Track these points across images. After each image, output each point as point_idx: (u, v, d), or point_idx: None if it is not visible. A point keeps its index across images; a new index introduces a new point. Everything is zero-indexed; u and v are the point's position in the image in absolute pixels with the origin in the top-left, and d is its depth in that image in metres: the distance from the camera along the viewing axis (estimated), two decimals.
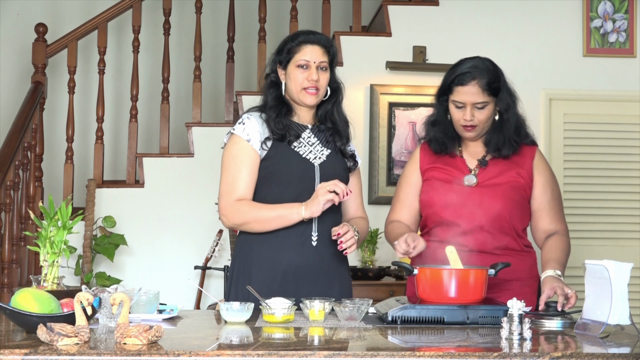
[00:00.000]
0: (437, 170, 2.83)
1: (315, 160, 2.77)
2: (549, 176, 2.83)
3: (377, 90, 5.15)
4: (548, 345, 2.03)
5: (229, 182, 2.73)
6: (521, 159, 2.81)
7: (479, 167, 2.81)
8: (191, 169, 5.10)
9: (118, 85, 6.08)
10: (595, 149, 5.26)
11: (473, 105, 2.72)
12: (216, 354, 1.80)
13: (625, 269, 2.12)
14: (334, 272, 2.77)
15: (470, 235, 2.70)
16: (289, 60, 2.76)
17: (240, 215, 2.71)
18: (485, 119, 2.75)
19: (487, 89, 2.71)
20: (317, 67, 2.75)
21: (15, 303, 2.05)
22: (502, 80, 2.76)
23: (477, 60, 2.76)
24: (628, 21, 5.29)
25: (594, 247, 5.14)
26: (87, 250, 4.79)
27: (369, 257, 4.85)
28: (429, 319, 2.29)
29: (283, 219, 2.67)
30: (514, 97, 2.81)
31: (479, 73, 2.71)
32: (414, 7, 5.34)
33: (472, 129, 2.76)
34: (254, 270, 2.72)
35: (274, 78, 2.82)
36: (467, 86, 2.71)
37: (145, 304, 2.36)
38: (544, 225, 2.80)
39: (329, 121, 2.84)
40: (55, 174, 5.54)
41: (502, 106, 2.76)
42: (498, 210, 2.71)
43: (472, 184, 2.77)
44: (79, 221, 2.62)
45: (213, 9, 6.17)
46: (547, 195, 2.81)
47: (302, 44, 2.76)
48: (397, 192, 2.93)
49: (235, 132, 2.76)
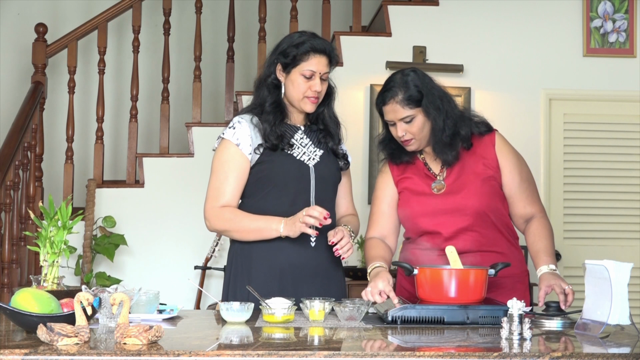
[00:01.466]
0: (408, 180, 2.81)
1: (309, 161, 2.77)
2: (514, 159, 2.78)
3: (377, 90, 5.14)
4: (548, 345, 2.03)
5: (215, 187, 2.74)
6: (483, 149, 2.77)
7: (443, 169, 2.78)
8: (191, 169, 5.10)
9: (118, 85, 6.08)
10: (595, 149, 5.26)
11: (400, 120, 2.71)
12: (216, 354, 1.80)
13: (625, 269, 2.12)
14: (331, 274, 2.78)
15: (456, 239, 2.68)
16: (294, 66, 2.74)
17: (222, 222, 2.72)
18: (418, 131, 2.71)
19: (407, 103, 2.68)
20: (321, 77, 2.75)
21: (15, 303, 2.05)
22: (423, 88, 2.71)
23: (396, 76, 2.74)
24: (628, 21, 5.29)
25: (594, 247, 5.14)
26: (87, 250, 4.80)
27: None
28: (429, 319, 2.29)
29: (261, 232, 2.68)
30: (445, 98, 2.75)
31: (397, 89, 2.69)
32: (414, 7, 5.33)
33: (409, 143, 2.74)
34: (253, 271, 2.72)
35: (274, 81, 2.80)
36: (388, 105, 2.71)
37: (145, 304, 2.37)
38: (519, 210, 2.76)
39: (320, 122, 2.85)
40: (55, 174, 5.54)
41: (431, 113, 2.71)
42: (475, 207, 2.69)
43: (442, 190, 2.76)
44: (79, 221, 2.62)
45: (213, 9, 6.17)
46: (516, 179, 2.76)
47: (310, 52, 2.73)
48: (372, 207, 2.89)
49: (225, 136, 2.75)
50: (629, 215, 5.23)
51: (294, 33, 2.86)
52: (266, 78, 2.82)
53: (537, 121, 5.13)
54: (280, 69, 2.78)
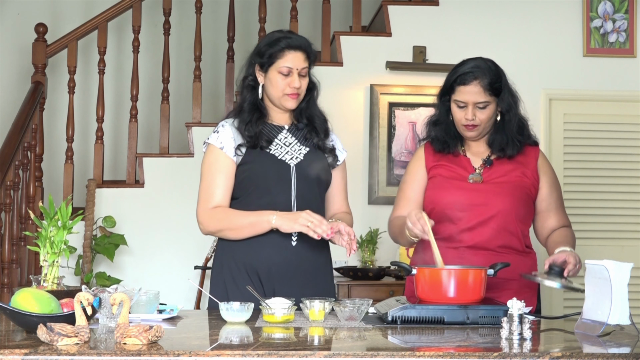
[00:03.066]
0: (443, 167, 2.85)
1: (291, 160, 2.77)
2: (553, 177, 2.88)
3: (377, 90, 5.16)
4: (548, 345, 2.03)
5: (205, 190, 2.77)
6: (525, 159, 2.84)
7: (483, 166, 2.83)
8: (191, 169, 5.09)
9: (118, 85, 6.08)
10: (595, 149, 5.26)
11: (475, 104, 2.74)
12: (216, 354, 1.80)
13: (625, 269, 2.12)
14: (313, 271, 2.76)
15: (474, 232, 2.72)
16: (270, 64, 2.76)
17: (214, 222, 2.73)
18: (486, 119, 2.77)
19: (488, 89, 2.74)
20: (299, 73, 2.75)
21: (15, 303, 2.05)
22: (503, 80, 2.79)
23: (479, 61, 2.78)
24: (628, 21, 5.29)
25: (594, 247, 5.14)
26: (87, 250, 4.80)
27: (369, 257, 4.84)
28: (428, 319, 2.29)
29: (254, 226, 2.68)
30: (516, 97, 2.84)
31: (481, 73, 2.74)
32: (414, 7, 5.34)
33: (473, 129, 2.78)
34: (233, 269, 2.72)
35: (251, 82, 2.82)
36: (469, 86, 2.74)
37: (145, 304, 2.37)
38: (551, 224, 2.84)
39: (304, 118, 2.85)
40: (55, 174, 5.54)
41: (503, 106, 2.79)
42: (503, 207, 2.73)
43: (478, 182, 2.79)
44: (79, 221, 2.62)
45: (213, 9, 6.16)
46: (554, 196, 2.86)
47: (285, 49, 2.74)
48: (402, 188, 2.92)
49: (210, 141, 2.79)
50: (629, 215, 5.23)
51: (271, 32, 2.88)
52: (244, 79, 2.85)
53: (537, 121, 5.13)
54: (258, 69, 2.80)
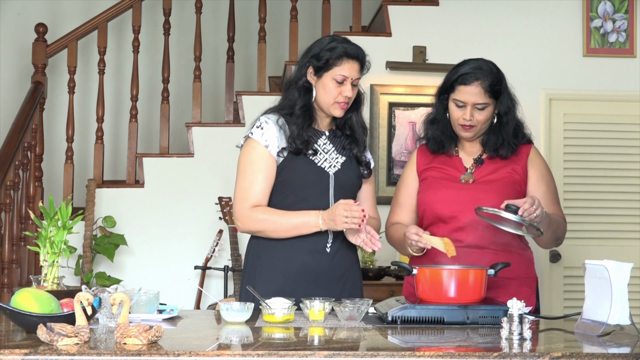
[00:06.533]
0: (434, 169, 2.87)
1: (330, 169, 2.77)
2: (543, 171, 2.86)
3: (377, 90, 5.15)
4: (548, 345, 2.03)
5: (244, 187, 2.72)
6: (517, 157, 2.85)
7: (474, 165, 2.84)
8: (191, 169, 5.10)
9: (118, 85, 6.08)
10: (595, 149, 5.25)
11: (474, 105, 2.75)
12: (216, 354, 1.80)
13: (625, 269, 2.12)
14: (346, 277, 2.78)
15: (467, 230, 2.73)
16: (327, 70, 2.73)
17: (255, 223, 2.71)
18: (484, 120, 2.78)
19: (489, 90, 2.75)
20: (352, 83, 2.74)
21: (15, 303, 2.05)
22: (504, 84, 2.81)
23: (481, 62, 2.79)
24: (628, 21, 5.29)
25: (594, 247, 5.14)
26: (87, 250, 4.80)
27: (369, 257, 4.85)
28: (428, 319, 2.30)
29: (299, 229, 2.68)
30: (514, 101, 2.86)
31: (482, 74, 2.75)
32: (414, 7, 5.33)
33: (469, 129, 2.79)
34: (267, 273, 2.72)
35: (306, 84, 2.78)
36: (470, 86, 2.74)
37: (145, 304, 2.37)
38: None
39: (348, 128, 2.84)
40: (55, 174, 5.54)
41: (502, 109, 2.81)
42: (494, 205, 2.72)
43: (469, 181, 2.79)
44: (79, 221, 2.62)
45: (213, 9, 6.16)
46: (542, 188, 2.82)
47: (343, 57, 2.72)
48: (396, 194, 2.98)
49: (254, 136, 2.74)
50: (629, 215, 5.23)
51: (325, 37, 2.84)
52: (297, 80, 2.79)
53: (537, 121, 5.13)
54: (311, 72, 2.76)
